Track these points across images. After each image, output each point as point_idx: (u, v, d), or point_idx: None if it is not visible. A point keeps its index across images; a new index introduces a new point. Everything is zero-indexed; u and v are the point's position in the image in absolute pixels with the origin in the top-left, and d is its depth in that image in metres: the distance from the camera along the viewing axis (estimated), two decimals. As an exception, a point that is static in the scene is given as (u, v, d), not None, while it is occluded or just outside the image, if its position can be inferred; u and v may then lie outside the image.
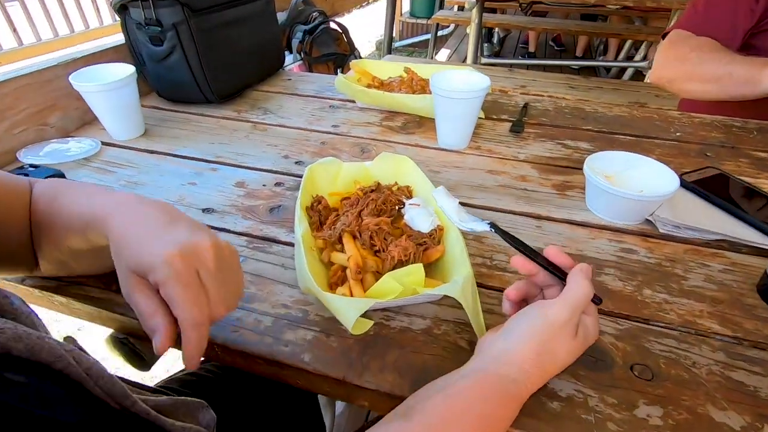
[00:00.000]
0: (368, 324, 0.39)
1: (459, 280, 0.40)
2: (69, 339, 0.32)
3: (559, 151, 0.77)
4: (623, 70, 3.13)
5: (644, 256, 0.55)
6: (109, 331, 0.51)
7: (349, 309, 0.37)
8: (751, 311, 0.47)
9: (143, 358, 0.50)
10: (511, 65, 2.87)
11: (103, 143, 0.79)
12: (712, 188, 0.64)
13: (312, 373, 0.41)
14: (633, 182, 0.61)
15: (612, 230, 0.59)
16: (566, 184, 0.68)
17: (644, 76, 3.02)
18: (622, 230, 0.59)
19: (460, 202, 0.47)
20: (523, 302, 0.41)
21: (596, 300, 0.38)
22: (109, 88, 0.74)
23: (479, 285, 0.49)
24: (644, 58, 3.06)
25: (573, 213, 0.62)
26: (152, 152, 0.77)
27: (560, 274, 0.38)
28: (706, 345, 0.43)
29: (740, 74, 0.80)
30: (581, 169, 0.72)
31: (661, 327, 0.45)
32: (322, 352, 0.42)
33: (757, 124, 0.87)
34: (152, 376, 1.32)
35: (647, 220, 0.60)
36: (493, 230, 0.42)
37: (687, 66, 0.88)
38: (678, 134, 0.83)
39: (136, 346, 0.50)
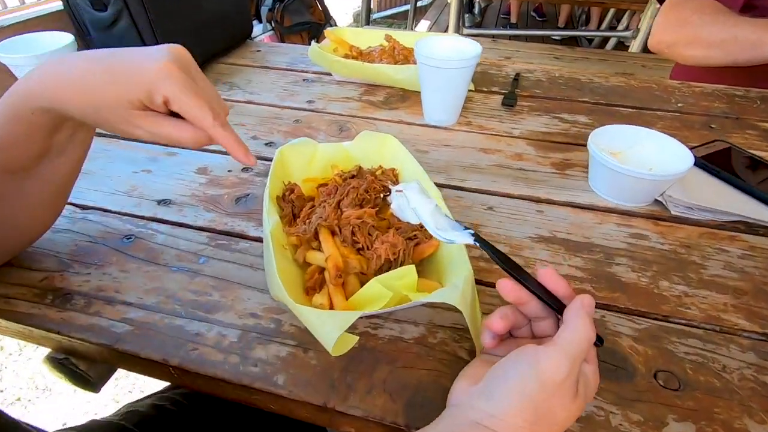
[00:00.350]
0: (352, 341, 0.33)
1: (459, 284, 0.34)
2: None
3: (555, 126, 0.71)
4: (605, 40, 3.06)
5: (657, 242, 0.49)
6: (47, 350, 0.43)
7: (328, 326, 0.30)
8: (779, 302, 0.42)
9: (88, 379, 0.43)
10: (493, 36, 2.77)
11: (41, 126, 0.69)
12: (722, 164, 0.59)
13: (287, 398, 0.35)
14: (640, 159, 0.55)
15: (619, 213, 0.54)
16: (566, 162, 0.62)
17: (627, 47, 2.96)
18: (630, 213, 0.53)
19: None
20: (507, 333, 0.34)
21: (597, 343, 0.30)
22: (41, 60, 0.63)
23: (477, 282, 0.42)
24: (627, 28, 3.00)
25: (576, 195, 0.56)
26: (99, 135, 0.67)
27: (555, 305, 0.31)
28: (735, 345, 0.38)
29: (746, 37, 0.74)
30: (581, 145, 0.66)
31: (683, 325, 0.40)
32: (298, 372, 0.36)
33: (759, 93, 0.82)
34: (116, 401, 1.24)
35: (656, 201, 0.54)
36: (477, 244, 0.34)
37: (688, 30, 0.82)
38: (680, 105, 0.77)
39: (78, 367, 0.42)
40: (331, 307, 0.37)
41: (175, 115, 0.34)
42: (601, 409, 0.34)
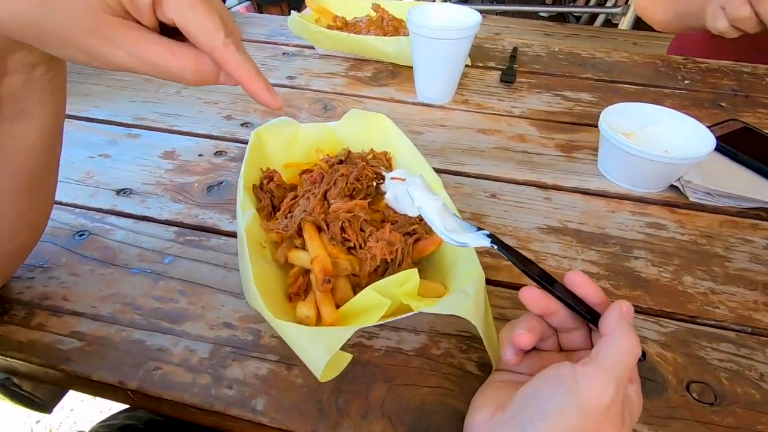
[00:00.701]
0: (344, 361, 0.28)
1: (470, 291, 0.29)
2: None
3: (558, 104, 0.66)
4: (594, 17, 3.00)
5: (675, 231, 0.45)
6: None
7: (316, 348, 0.25)
8: (812, 299, 0.39)
9: (35, 400, 0.37)
10: (481, 12, 2.69)
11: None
12: (738, 145, 0.55)
13: (268, 426, 0.30)
14: (655, 140, 0.51)
15: (633, 200, 0.49)
16: (572, 144, 0.57)
17: (616, 24, 2.91)
18: (644, 200, 0.49)
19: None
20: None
21: (641, 357, 0.26)
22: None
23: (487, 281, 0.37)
24: (615, 5, 2.94)
25: (585, 180, 0.51)
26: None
27: (588, 314, 0.27)
28: (771, 348, 0.35)
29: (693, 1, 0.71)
30: (586, 125, 0.61)
31: (713, 327, 0.36)
32: (281, 394, 0.31)
33: (767, 70, 0.78)
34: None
35: (671, 186, 0.50)
36: (495, 247, 0.29)
37: None
38: (686, 82, 0.73)
39: (22, 388, 0.36)
40: (319, 319, 0.31)
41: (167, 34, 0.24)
42: (633, 430, 0.29)
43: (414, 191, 0.33)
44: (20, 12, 0.21)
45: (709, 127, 0.57)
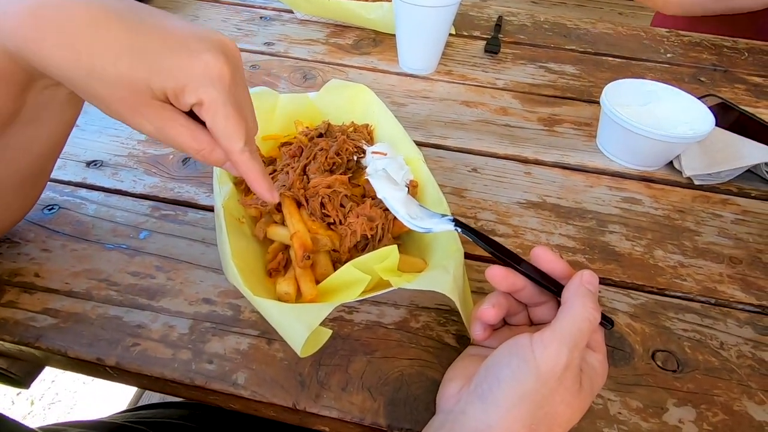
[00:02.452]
0: (324, 337, 0.28)
1: (449, 267, 0.29)
2: None
3: (542, 77, 0.65)
4: (582, -15, 2.95)
5: (650, 206, 0.46)
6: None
7: (296, 324, 0.25)
8: (773, 271, 0.40)
9: (12, 376, 0.37)
10: (468, -24, 2.60)
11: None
12: (717, 121, 0.55)
13: (250, 399, 0.30)
14: (654, 118, 0.50)
15: (610, 175, 0.50)
16: (554, 118, 0.57)
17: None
18: (622, 175, 0.50)
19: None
20: (500, 321, 0.30)
21: (606, 324, 0.27)
22: None
23: (465, 255, 0.38)
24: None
25: (565, 154, 0.52)
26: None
27: (554, 288, 0.28)
28: (732, 318, 0.36)
29: None
30: (569, 98, 0.61)
31: (680, 298, 0.38)
32: (262, 368, 0.31)
33: (747, 44, 0.78)
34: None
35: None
36: (459, 230, 0.30)
37: None
38: (669, 56, 0.73)
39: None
40: (299, 295, 0.31)
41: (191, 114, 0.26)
42: (600, 397, 0.31)
43: (376, 182, 0.34)
44: (66, 71, 0.23)
45: (688, 102, 0.58)
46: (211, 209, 0.42)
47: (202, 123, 0.26)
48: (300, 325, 0.25)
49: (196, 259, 0.38)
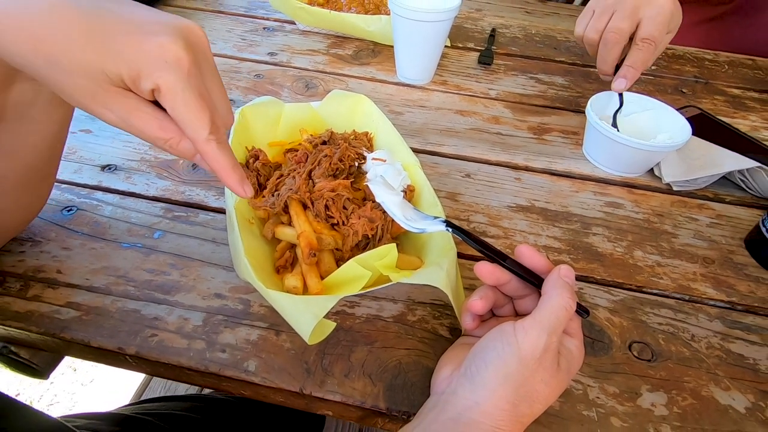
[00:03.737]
0: (329, 328, 0.31)
1: (443, 264, 0.32)
2: None
3: (533, 87, 0.68)
4: (575, -5, 3.01)
5: (631, 210, 0.49)
6: (-20, 338, 0.39)
7: (304, 314, 0.28)
8: (743, 270, 0.44)
9: (33, 367, 0.39)
10: (463, -15, 2.65)
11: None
12: (695, 130, 0.59)
13: (260, 385, 0.33)
14: (636, 128, 0.54)
15: (595, 181, 0.53)
16: (543, 127, 0.61)
17: (595, 2, 2.93)
18: (605, 180, 0.53)
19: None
20: (488, 313, 0.33)
21: (582, 313, 0.30)
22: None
23: (458, 255, 0.41)
24: (596, -17, 2.95)
25: (553, 161, 0.55)
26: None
27: (536, 281, 0.30)
28: (703, 314, 0.39)
29: None
30: (558, 108, 0.64)
31: (657, 295, 0.41)
32: (271, 357, 0.34)
33: (728, 57, 0.82)
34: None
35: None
36: (450, 230, 0.33)
37: None
38: (653, 68, 0.76)
39: (20, 356, 0.38)
40: (305, 289, 0.34)
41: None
42: (580, 383, 0.34)
43: (375, 188, 0.37)
44: (27, 60, 0.23)
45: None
46: (220, 211, 0.45)
47: None
48: (308, 315, 0.28)
49: (207, 257, 0.40)
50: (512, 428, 0.26)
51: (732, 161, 0.52)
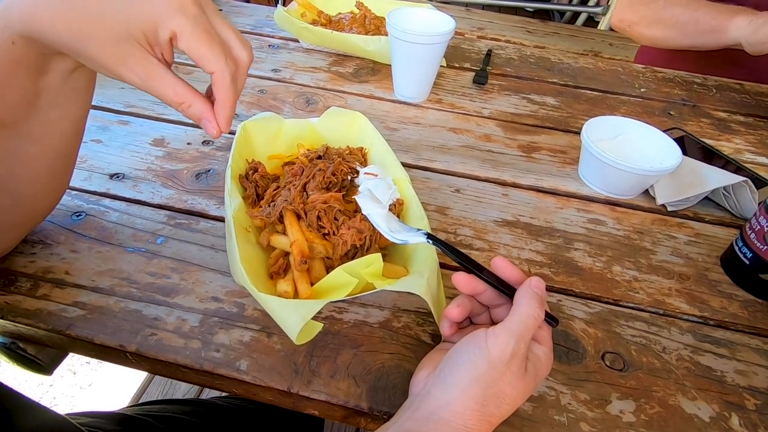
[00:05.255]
0: (316, 329, 0.33)
1: (424, 273, 0.34)
2: None
3: (524, 107, 0.71)
4: (576, 15, 3.07)
5: (613, 227, 0.51)
6: (-9, 333, 0.41)
7: (293, 316, 0.30)
8: (716, 287, 0.46)
9: (39, 363, 0.41)
10: (467, 4, 2.72)
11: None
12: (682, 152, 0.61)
13: (251, 383, 0.35)
14: (626, 149, 0.56)
15: (579, 198, 0.55)
16: (532, 146, 0.63)
17: (597, 23, 2.99)
18: (590, 198, 0.55)
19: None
20: (465, 321, 0.36)
21: (551, 322, 0.32)
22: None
23: (442, 266, 0.43)
24: (597, 4, 3.01)
25: (540, 179, 0.57)
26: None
27: (509, 292, 0.33)
28: (675, 327, 0.41)
29: (706, 21, 0.76)
30: (547, 128, 0.67)
31: (632, 309, 0.43)
32: (262, 357, 0.36)
33: (716, 81, 0.85)
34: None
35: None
36: (430, 242, 0.35)
37: (651, 9, 0.83)
38: (642, 90, 0.79)
39: (27, 351, 0.40)
40: (296, 294, 0.36)
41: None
42: (553, 389, 0.36)
43: (362, 201, 0.40)
44: (62, 35, 0.27)
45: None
46: (219, 219, 0.47)
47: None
48: (296, 316, 0.30)
49: (206, 262, 0.43)
50: (480, 427, 0.28)
51: (719, 177, 0.54)
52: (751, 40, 0.70)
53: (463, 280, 0.32)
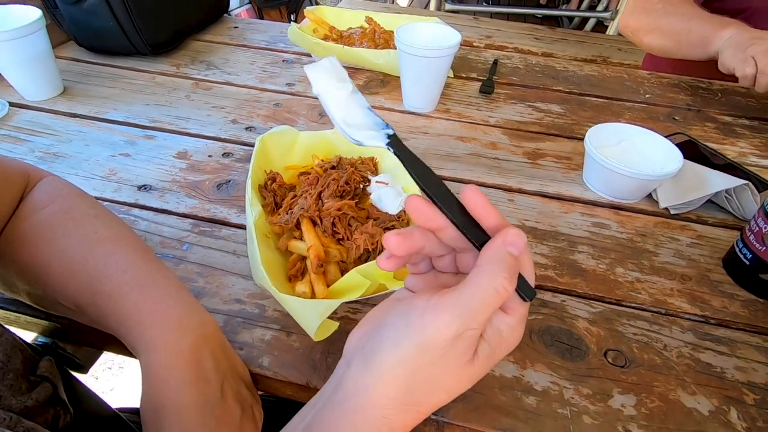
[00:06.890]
0: (333, 327, 0.36)
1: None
2: None
3: (530, 115, 0.73)
4: (585, 20, 3.08)
5: (616, 230, 0.53)
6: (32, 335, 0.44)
7: (311, 314, 0.33)
8: (718, 287, 0.47)
9: (77, 361, 0.45)
10: (475, 13, 2.75)
11: (11, 104, 0.67)
12: (686, 157, 0.63)
13: (272, 378, 0.37)
14: (628, 154, 0.57)
15: (583, 203, 0.57)
16: (537, 152, 0.65)
17: (606, 27, 2.99)
18: (594, 202, 0.57)
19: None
20: (424, 263, 0.28)
21: (525, 296, 0.24)
22: (11, 37, 0.61)
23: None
24: (606, 9, 3.02)
25: (545, 184, 0.59)
26: (75, 116, 0.66)
27: (477, 240, 0.24)
28: (677, 326, 0.43)
29: (697, 32, 0.76)
30: (552, 135, 0.69)
31: (634, 308, 0.44)
32: (282, 354, 0.38)
33: (722, 86, 0.86)
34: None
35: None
36: (391, 150, 0.26)
37: (651, 17, 0.84)
38: (647, 96, 0.81)
39: (66, 351, 0.44)
40: (313, 295, 0.39)
41: None
42: (556, 385, 0.38)
43: (313, 74, 0.28)
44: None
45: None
46: (240, 227, 0.50)
47: None
48: (314, 315, 0.33)
49: (228, 267, 0.46)
50: (404, 418, 0.23)
51: (721, 180, 0.55)
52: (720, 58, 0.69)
53: (416, 204, 0.24)
